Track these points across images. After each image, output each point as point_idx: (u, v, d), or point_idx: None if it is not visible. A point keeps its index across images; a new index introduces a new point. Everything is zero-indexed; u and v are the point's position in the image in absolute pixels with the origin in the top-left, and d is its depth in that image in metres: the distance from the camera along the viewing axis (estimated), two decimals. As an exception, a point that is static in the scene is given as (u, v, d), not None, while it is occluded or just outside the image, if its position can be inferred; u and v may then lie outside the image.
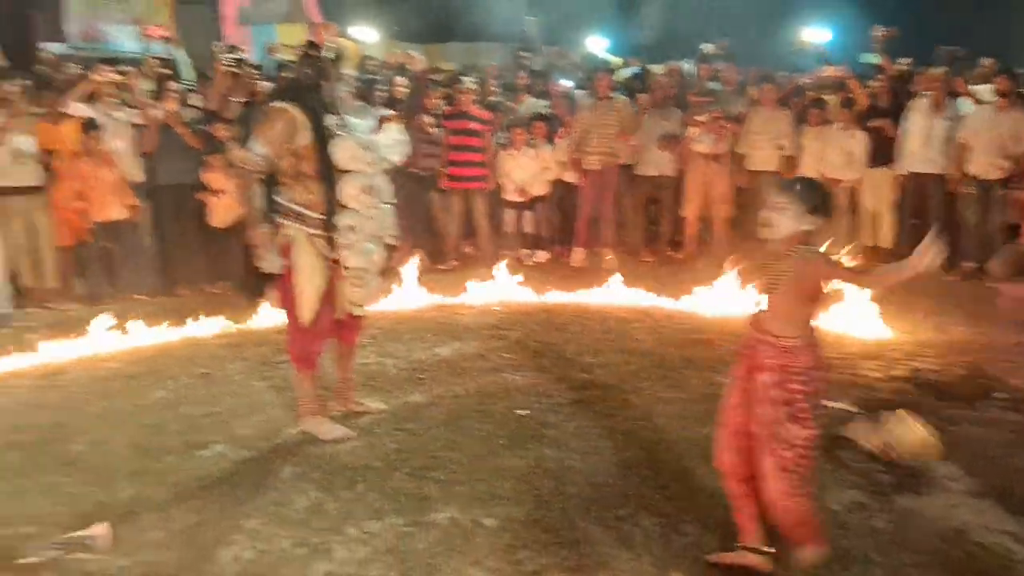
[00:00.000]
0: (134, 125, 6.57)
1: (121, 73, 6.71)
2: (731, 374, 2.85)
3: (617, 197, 7.63)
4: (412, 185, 7.38)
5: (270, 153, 3.39)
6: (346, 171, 3.50)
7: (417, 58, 8.22)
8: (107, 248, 6.46)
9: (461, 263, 7.55)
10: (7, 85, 6.06)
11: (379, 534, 3.01)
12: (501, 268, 6.58)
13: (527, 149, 7.52)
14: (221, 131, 6.54)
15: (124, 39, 9.11)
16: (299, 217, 3.49)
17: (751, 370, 2.72)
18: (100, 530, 3.03)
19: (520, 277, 6.49)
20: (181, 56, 7.89)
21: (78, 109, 6.28)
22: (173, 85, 6.81)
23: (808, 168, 7.47)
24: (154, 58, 7.80)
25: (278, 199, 3.50)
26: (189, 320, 5.61)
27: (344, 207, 3.51)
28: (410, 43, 15.44)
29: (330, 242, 3.51)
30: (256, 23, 12.19)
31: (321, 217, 3.49)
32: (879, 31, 7.75)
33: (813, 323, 2.72)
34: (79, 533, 3.01)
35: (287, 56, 8.28)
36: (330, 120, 3.50)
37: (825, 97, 7.67)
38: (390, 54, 8.33)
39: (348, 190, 3.50)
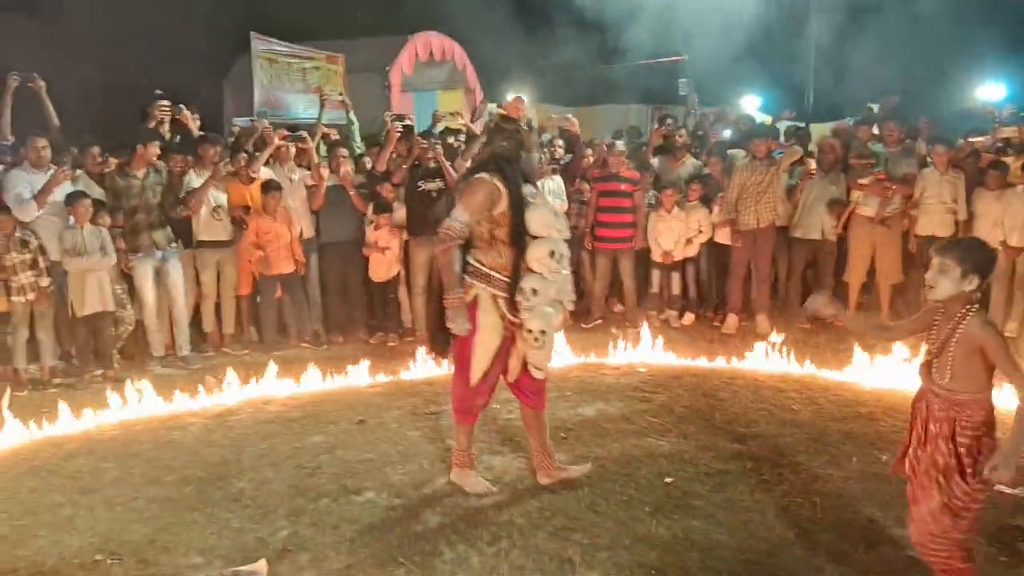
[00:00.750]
0: (307, 186, 7.13)
1: (298, 138, 7.34)
2: (910, 428, 2.90)
3: (773, 260, 7.42)
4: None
5: (471, 220, 3.57)
6: (536, 236, 3.64)
7: (572, 120, 8.44)
8: (279, 299, 6.99)
9: (606, 322, 7.55)
10: (210, 148, 6.76)
11: (522, 593, 3.03)
12: (646, 329, 6.52)
13: (677, 211, 7.48)
14: (388, 192, 6.98)
15: (301, 107, 9.92)
16: (487, 278, 3.65)
17: (925, 422, 2.78)
18: (259, 566, 3.24)
19: (663, 339, 6.40)
20: (353, 121, 8.51)
21: (262, 171, 6.92)
22: (343, 150, 7.34)
23: (984, 234, 6.95)
24: (329, 125, 8.46)
25: (469, 260, 3.68)
26: (348, 368, 5.91)
27: (530, 270, 3.64)
28: (562, 106, 15.93)
29: (513, 304, 3.64)
30: (418, 90, 12.98)
31: (507, 280, 3.63)
32: None
33: (989, 379, 2.69)
34: (242, 568, 3.23)
35: (451, 124, 8.80)
36: (526, 189, 3.68)
37: (1006, 159, 7.16)
38: (547, 118, 8.60)
39: (536, 254, 3.63)
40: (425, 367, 5.96)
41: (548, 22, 14.08)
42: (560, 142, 7.94)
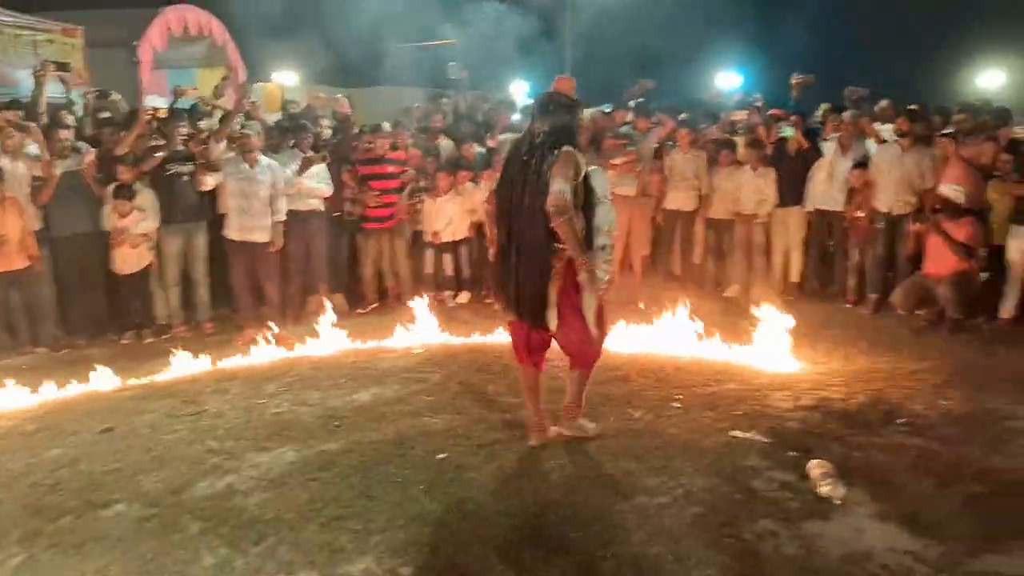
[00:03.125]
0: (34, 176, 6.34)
1: (23, 127, 6.48)
2: None
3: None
4: (333, 228, 7.35)
5: (569, 190, 3.73)
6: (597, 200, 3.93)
7: (342, 100, 8.23)
8: (6, 299, 6.17)
9: (381, 306, 7.48)
10: None
11: (289, 589, 2.91)
12: (422, 310, 6.54)
13: (452, 195, 7.56)
14: (126, 174, 6.37)
15: (32, 84, 8.84)
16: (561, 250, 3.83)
17: None
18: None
19: (438, 319, 6.46)
20: (74, 101, 7.69)
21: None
22: (64, 132, 6.55)
23: (721, 208, 7.74)
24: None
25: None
26: (92, 372, 5.38)
27: (599, 231, 3.93)
28: (334, 86, 15.51)
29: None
30: (174, 67, 12.01)
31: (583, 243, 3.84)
32: (797, 79, 8.15)
33: None
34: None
35: (201, 100, 8.21)
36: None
37: (735, 139, 8.00)
38: (315, 97, 8.31)
39: (606, 216, 3.97)
40: (185, 364, 5.56)
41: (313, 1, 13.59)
42: (326, 122, 7.71)
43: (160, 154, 6.48)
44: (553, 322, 3.92)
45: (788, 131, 7.58)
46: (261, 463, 4.00)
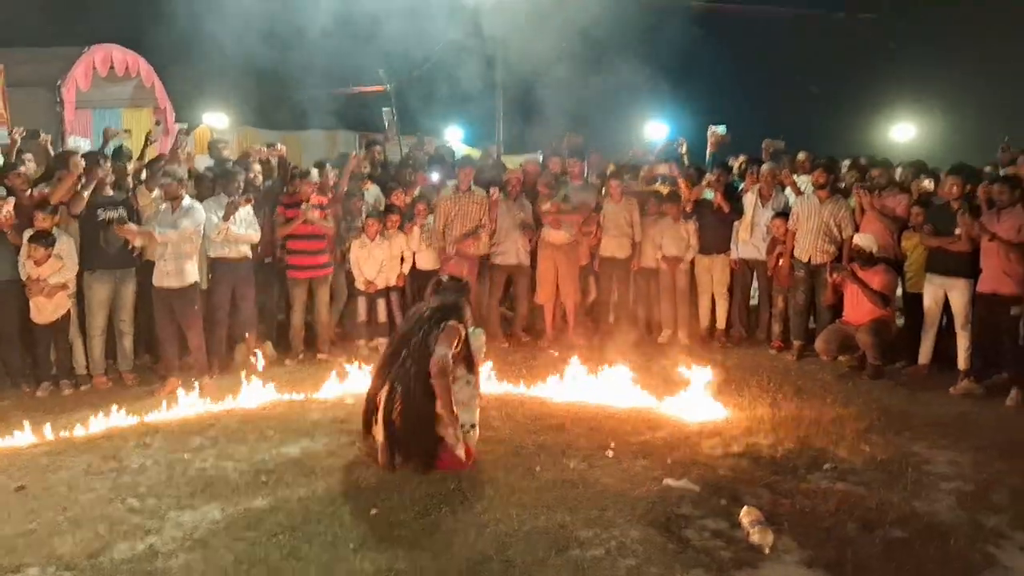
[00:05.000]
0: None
1: None
2: None
3: (476, 285, 7.77)
4: (261, 274, 7.20)
5: (451, 355, 4.40)
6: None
7: (280, 147, 8.15)
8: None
9: (311, 356, 7.34)
10: None
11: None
12: (353, 359, 6.45)
13: (380, 240, 7.52)
14: (44, 221, 6.14)
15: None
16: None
17: None
18: None
19: (371, 369, 6.37)
20: None
21: None
22: None
23: (649, 254, 7.93)
24: None
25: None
26: (6, 427, 5.13)
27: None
28: (264, 129, 15.36)
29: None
30: (99, 108, 11.73)
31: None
32: (713, 134, 8.48)
33: None
34: None
35: (126, 142, 8.01)
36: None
37: (659, 189, 8.26)
38: (254, 148, 8.15)
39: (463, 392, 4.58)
40: (104, 419, 5.34)
41: (249, 42, 13.51)
42: (258, 167, 7.59)
43: (86, 194, 6.26)
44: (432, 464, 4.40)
45: (708, 194, 7.86)
46: (185, 522, 3.85)
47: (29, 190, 6.41)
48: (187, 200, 6.41)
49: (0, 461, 4.71)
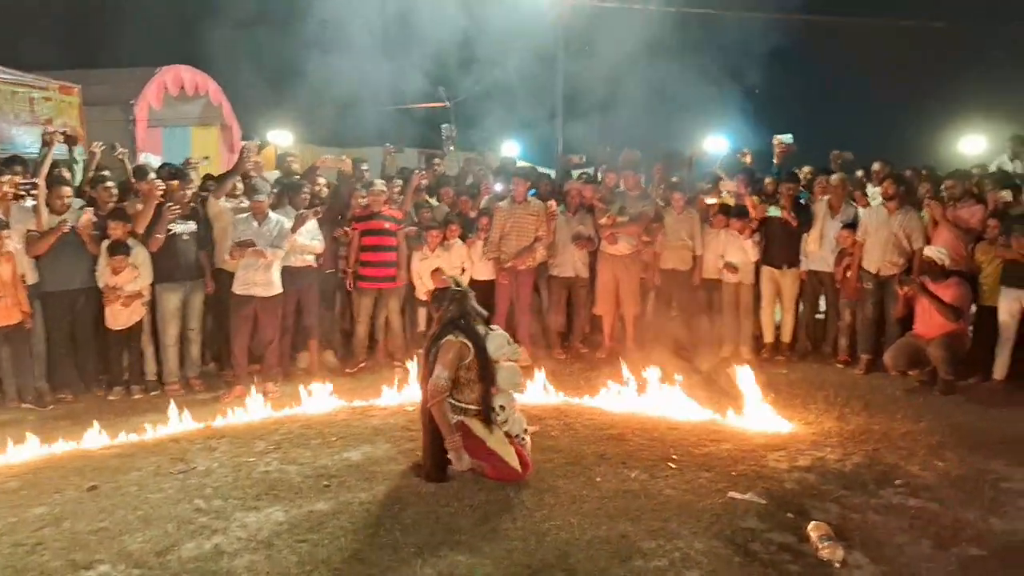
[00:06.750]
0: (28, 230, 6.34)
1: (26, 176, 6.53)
2: None
3: (533, 296, 7.77)
4: (325, 284, 7.34)
5: (450, 375, 4.34)
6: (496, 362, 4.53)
7: (346, 160, 8.32)
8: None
9: (372, 364, 7.43)
10: None
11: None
12: (414, 367, 6.50)
13: (440, 251, 7.60)
14: (118, 230, 6.38)
15: (28, 140, 8.89)
16: (463, 411, 4.44)
17: None
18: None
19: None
20: (76, 160, 7.76)
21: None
22: (66, 189, 6.57)
23: (711, 267, 7.82)
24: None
25: (451, 400, 4.43)
26: (78, 429, 5.30)
27: (500, 391, 4.56)
28: (327, 147, 15.70)
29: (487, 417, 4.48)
30: (170, 126, 12.16)
31: (477, 408, 4.45)
32: (779, 144, 8.32)
33: None
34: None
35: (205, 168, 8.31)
36: (480, 329, 4.54)
37: (725, 200, 8.14)
38: (322, 160, 8.35)
39: (504, 377, 4.57)
40: (173, 422, 5.49)
41: (312, 63, 13.88)
42: (323, 181, 7.77)
43: (160, 237, 6.53)
44: (443, 475, 4.39)
45: (773, 211, 7.67)
46: (249, 523, 3.91)
47: (111, 203, 6.72)
48: (272, 215, 6.63)
49: (73, 461, 4.88)
